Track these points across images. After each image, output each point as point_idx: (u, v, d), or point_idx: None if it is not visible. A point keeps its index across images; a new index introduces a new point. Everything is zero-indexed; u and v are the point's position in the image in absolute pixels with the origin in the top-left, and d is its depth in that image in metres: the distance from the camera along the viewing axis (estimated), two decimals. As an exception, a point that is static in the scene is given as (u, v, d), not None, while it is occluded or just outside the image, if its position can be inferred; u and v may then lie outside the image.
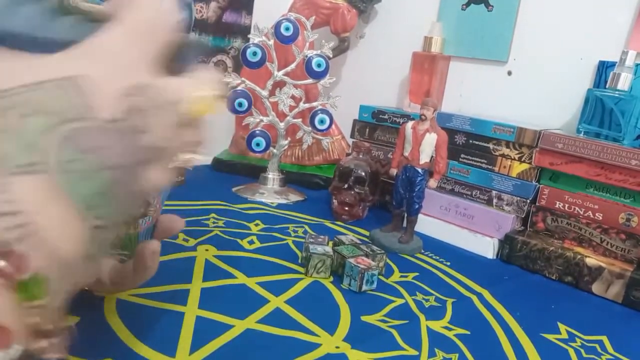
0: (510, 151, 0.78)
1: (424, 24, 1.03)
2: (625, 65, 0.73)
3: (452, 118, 0.83)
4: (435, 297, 0.59)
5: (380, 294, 0.57)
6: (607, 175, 0.69)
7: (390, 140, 0.92)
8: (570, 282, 0.69)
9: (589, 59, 0.86)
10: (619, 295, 0.65)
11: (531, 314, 0.58)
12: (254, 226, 0.74)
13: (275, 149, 0.92)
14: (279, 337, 0.45)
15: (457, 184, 0.83)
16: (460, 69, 1.02)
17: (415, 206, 0.73)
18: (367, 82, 1.17)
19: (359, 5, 1.07)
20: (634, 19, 0.81)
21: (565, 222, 0.74)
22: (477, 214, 0.79)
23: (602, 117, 0.76)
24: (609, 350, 0.52)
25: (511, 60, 0.96)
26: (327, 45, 0.88)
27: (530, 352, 0.49)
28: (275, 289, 0.55)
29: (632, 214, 0.68)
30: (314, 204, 0.91)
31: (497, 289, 0.63)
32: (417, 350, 0.47)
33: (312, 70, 0.88)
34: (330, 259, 0.59)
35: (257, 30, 0.86)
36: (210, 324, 0.46)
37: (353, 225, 0.81)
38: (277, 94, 0.91)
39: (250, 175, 0.99)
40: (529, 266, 0.72)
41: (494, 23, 0.96)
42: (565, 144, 0.73)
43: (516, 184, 0.77)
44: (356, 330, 0.48)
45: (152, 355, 0.40)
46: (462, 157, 0.83)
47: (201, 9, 1.06)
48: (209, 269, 0.57)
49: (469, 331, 0.52)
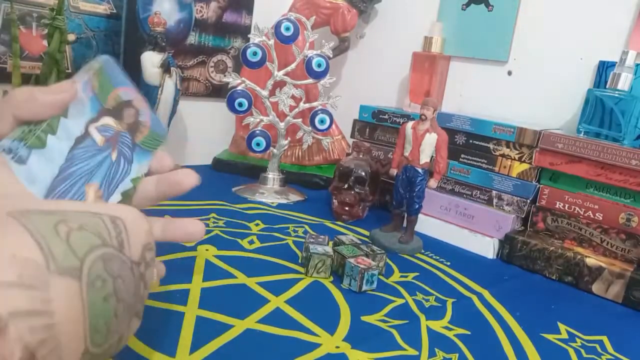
0: (510, 151, 0.78)
1: (424, 24, 1.03)
2: (626, 65, 0.73)
3: (452, 118, 0.83)
4: (436, 297, 0.59)
5: (381, 294, 0.57)
6: (607, 175, 0.69)
7: (391, 140, 0.92)
8: (570, 282, 0.69)
9: (589, 59, 0.86)
10: (619, 295, 0.65)
11: (531, 314, 0.58)
12: (254, 226, 0.74)
13: (276, 149, 0.92)
14: (279, 337, 0.45)
15: (457, 184, 0.83)
16: (460, 69, 1.02)
17: (415, 206, 0.73)
18: (367, 82, 1.17)
19: (359, 5, 1.07)
20: (634, 19, 0.81)
21: (565, 222, 0.74)
22: (477, 214, 0.79)
23: (602, 117, 0.76)
24: (609, 350, 0.52)
25: (511, 60, 0.96)
26: (327, 45, 0.88)
27: (530, 352, 0.49)
28: (275, 289, 0.55)
29: (632, 214, 0.68)
30: (314, 204, 0.91)
31: (497, 289, 0.63)
32: (417, 350, 0.47)
33: (312, 70, 0.88)
34: (331, 259, 0.59)
35: (257, 30, 0.86)
36: (210, 324, 0.46)
37: (353, 225, 0.81)
38: (277, 94, 0.91)
39: (251, 175, 0.99)
40: (529, 266, 0.72)
41: (494, 23, 0.96)
42: (566, 144, 0.73)
43: (516, 184, 0.77)
44: (356, 330, 0.48)
45: (152, 355, 0.40)
46: (462, 157, 0.83)
47: (201, 9, 1.06)
48: (209, 269, 0.57)
49: (469, 331, 0.52)
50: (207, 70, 1.11)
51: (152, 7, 0.97)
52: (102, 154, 0.32)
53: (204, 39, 1.08)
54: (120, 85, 0.33)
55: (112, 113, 0.33)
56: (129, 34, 0.95)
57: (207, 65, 1.11)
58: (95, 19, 0.92)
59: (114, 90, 0.33)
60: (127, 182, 0.34)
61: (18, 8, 0.82)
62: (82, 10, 0.90)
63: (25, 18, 0.84)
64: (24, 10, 0.84)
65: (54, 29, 0.76)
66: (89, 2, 0.90)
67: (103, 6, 0.92)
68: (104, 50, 0.94)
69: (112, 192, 0.33)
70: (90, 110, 0.31)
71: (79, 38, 0.90)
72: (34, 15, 0.85)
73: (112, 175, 0.33)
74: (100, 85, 0.32)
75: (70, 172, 0.30)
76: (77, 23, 0.89)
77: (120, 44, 0.96)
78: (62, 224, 0.22)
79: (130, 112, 0.34)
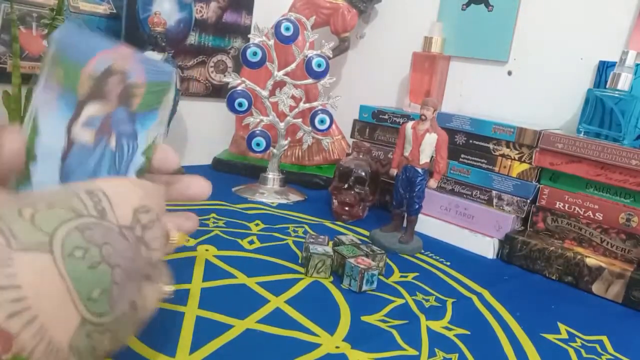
0: (510, 151, 0.78)
1: (424, 24, 1.03)
2: (626, 65, 0.73)
3: (452, 118, 0.83)
4: (435, 297, 0.59)
5: (380, 294, 0.57)
6: (607, 175, 0.69)
7: (390, 140, 0.92)
8: (570, 282, 0.69)
9: (589, 59, 0.86)
10: (619, 295, 0.65)
11: (531, 314, 0.58)
12: (254, 226, 0.74)
13: (276, 149, 0.92)
14: (279, 337, 0.45)
15: (457, 184, 0.83)
16: (460, 69, 1.02)
17: (415, 206, 0.73)
18: (367, 82, 1.17)
19: (359, 5, 1.07)
20: (634, 19, 0.81)
21: (565, 222, 0.74)
22: (477, 214, 0.79)
23: (602, 117, 0.76)
24: (609, 350, 0.52)
25: (511, 60, 0.96)
26: (327, 45, 0.88)
27: (530, 352, 0.49)
28: (275, 289, 0.55)
29: (632, 214, 0.68)
30: (314, 204, 0.91)
31: (497, 289, 0.63)
32: (417, 350, 0.47)
33: (312, 70, 0.88)
34: (331, 259, 0.59)
35: (257, 30, 0.86)
36: (210, 324, 0.46)
37: (353, 225, 0.81)
38: (277, 94, 0.91)
39: (251, 175, 0.99)
40: (529, 266, 0.72)
41: (494, 23, 0.96)
42: (566, 144, 0.73)
43: (516, 184, 0.77)
44: (356, 330, 0.48)
45: (152, 355, 0.40)
46: (462, 157, 0.83)
47: (201, 9, 1.06)
48: (209, 269, 0.57)
49: (469, 331, 0.52)
50: (207, 70, 1.11)
51: (152, 7, 0.97)
52: (98, 149, 0.29)
53: (204, 39, 1.08)
54: (90, 56, 0.28)
55: (92, 97, 0.28)
56: (129, 34, 0.95)
57: (207, 65, 1.11)
58: (95, 19, 0.92)
59: (84, 69, 0.28)
60: (138, 158, 0.30)
61: (18, 8, 0.82)
62: (82, 10, 0.90)
63: (25, 18, 0.84)
64: (24, 10, 0.84)
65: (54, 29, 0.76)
66: (89, 2, 0.90)
67: (103, 6, 0.92)
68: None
69: (124, 175, 0.30)
70: (65, 110, 0.28)
71: (79, 38, 0.90)
72: (34, 15, 0.85)
73: (118, 162, 0.30)
74: (65, 73, 0.28)
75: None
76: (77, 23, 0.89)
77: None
78: (27, 208, 0.22)
79: (114, 81, 0.29)
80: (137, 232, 0.26)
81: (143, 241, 0.26)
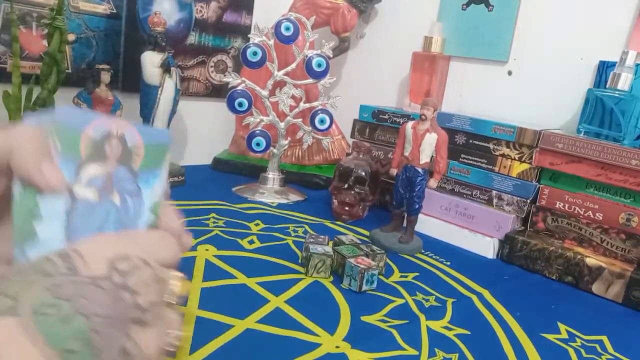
0: (510, 151, 0.78)
1: (424, 24, 1.03)
2: (626, 65, 0.73)
3: (452, 118, 0.83)
4: (435, 297, 0.59)
5: (380, 294, 0.57)
6: (608, 175, 0.69)
7: (390, 140, 0.92)
8: (570, 282, 0.69)
9: (589, 59, 0.86)
10: (619, 295, 0.65)
11: (531, 314, 0.58)
12: (254, 226, 0.74)
13: (276, 149, 0.92)
14: (279, 337, 0.45)
15: (457, 184, 0.83)
16: (460, 69, 1.02)
17: (415, 206, 0.73)
18: (367, 82, 1.17)
19: (359, 5, 1.07)
20: (634, 19, 0.81)
21: (565, 222, 0.74)
22: (477, 214, 0.79)
23: (603, 117, 0.76)
24: (609, 350, 0.52)
25: (511, 60, 0.96)
26: (327, 45, 0.88)
27: (530, 352, 0.49)
28: (275, 289, 0.55)
29: (632, 214, 0.68)
30: (314, 204, 0.91)
31: (497, 289, 0.63)
32: (417, 350, 0.47)
33: (312, 70, 0.88)
34: (331, 258, 0.59)
35: (257, 30, 0.86)
36: (210, 324, 0.46)
37: (353, 225, 0.81)
38: (277, 93, 0.91)
39: (251, 175, 0.99)
40: (529, 266, 0.72)
41: (494, 23, 0.96)
42: (566, 144, 0.73)
43: (516, 184, 0.77)
44: (356, 330, 0.48)
45: (152, 355, 0.40)
46: (462, 157, 0.83)
47: (201, 9, 1.06)
48: (209, 269, 0.57)
49: (469, 331, 0.52)
50: (207, 70, 1.11)
51: (152, 7, 0.97)
52: (103, 205, 0.30)
53: (204, 39, 1.08)
54: (87, 123, 0.30)
55: (92, 159, 0.30)
56: (129, 34, 0.95)
57: (207, 65, 1.11)
58: (95, 19, 0.92)
59: (83, 135, 0.30)
60: (146, 215, 0.31)
61: (18, 8, 0.82)
62: (82, 10, 0.90)
63: (25, 18, 0.84)
64: (24, 10, 0.84)
65: (54, 29, 0.76)
66: (89, 2, 0.90)
67: (103, 6, 0.92)
68: (104, 50, 0.94)
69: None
70: (67, 174, 0.29)
71: (79, 38, 0.90)
72: (34, 15, 0.85)
73: (125, 218, 0.31)
74: (63, 142, 0.29)
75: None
76: (77, 23, 0.89)
77: (120, 44, 0.96)
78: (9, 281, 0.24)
79: (113, 144, 0.31)
80: (116, 279, 0.26)
81: (125, 287, 0.26)
